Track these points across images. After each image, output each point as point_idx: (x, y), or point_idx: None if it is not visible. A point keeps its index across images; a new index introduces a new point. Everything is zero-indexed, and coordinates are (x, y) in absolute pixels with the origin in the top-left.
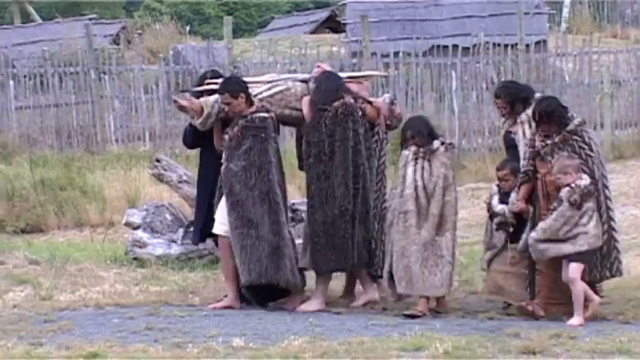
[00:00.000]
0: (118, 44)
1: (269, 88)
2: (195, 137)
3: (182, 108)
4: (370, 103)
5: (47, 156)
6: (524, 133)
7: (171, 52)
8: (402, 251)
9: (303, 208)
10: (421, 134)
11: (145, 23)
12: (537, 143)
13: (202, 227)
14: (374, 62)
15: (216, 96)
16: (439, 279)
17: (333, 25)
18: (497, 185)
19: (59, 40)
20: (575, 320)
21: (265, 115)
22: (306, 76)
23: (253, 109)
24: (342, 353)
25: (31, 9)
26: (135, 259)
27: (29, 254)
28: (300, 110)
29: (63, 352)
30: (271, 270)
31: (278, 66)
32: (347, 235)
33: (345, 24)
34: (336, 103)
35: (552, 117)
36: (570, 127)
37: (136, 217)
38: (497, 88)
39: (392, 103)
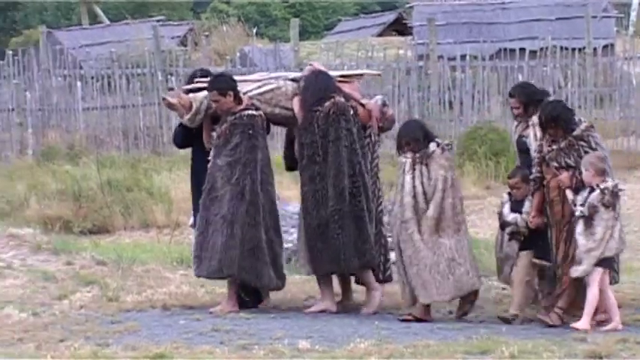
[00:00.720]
0: (185, 46)
1: (259, 87)
2: (185, 137)
3: (171, 105)
4: (362, 104)
5: (114, 157)
6: (535, 136)
7: (238, 54)
8: (409, 260)
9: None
10: (416, 140)
11: (212, 25)
12: (545, 149)
13: None
14: (441, 65)
15: (205, 92)
16: (452, 282)
17: (399, 27)
18: (508, 193)
19: (127, 41)
20: (582, 324)
21: (254, 112)
22: (296, 74)
23: (242, 106)
24: (407, 356)
25: (98, 10)
26: None
27: (96, 255)
28: (291, 109)
29: (129, 353)
30: (243, 269)
31: (344, 68)
32: (338, 236)
33: (412, 27)
34: (327, 103)
35: (558, 121)
36: (576, 132)
37: None
38: (513, 87)
39: (384, 105)
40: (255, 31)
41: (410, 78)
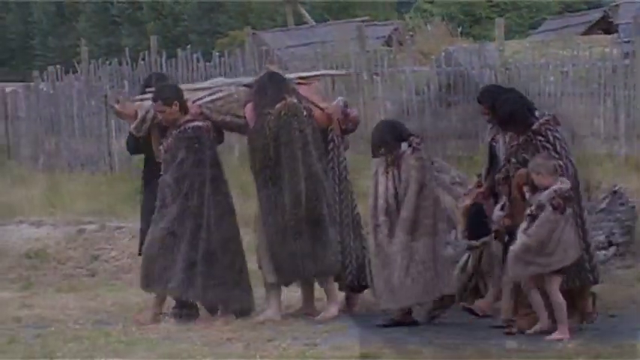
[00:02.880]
0: (390, 46)
1: (210, 94)
2: (136, 143)
3: (119, 114)
4: (319, 107)
5: None
6: (505, 142)
7: (442, 54)
8: (381, 264)
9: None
10: (386, 142)
11: (417, 25)
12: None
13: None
14: None
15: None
16: (422, 286)
17: (605, 26)
18: None
19: (331, 42)
20: (560, 334)
21: (200, 124)
22: (250, 80)
23: (188, 117)
24: (615, 356)
25: (303, 11)
26: None
27: None
28: (243, 117)
29: (336, 353)
30: (184, 285)
31: (550, 67)
32: (296, 242)
33: (617, 25)
34: (278, 105)
35: (514, 117)
36: (535, 126)
37: None
38: (480, 93)
39: (345, 106)
40: (459, 30)
41: (616, 76)
